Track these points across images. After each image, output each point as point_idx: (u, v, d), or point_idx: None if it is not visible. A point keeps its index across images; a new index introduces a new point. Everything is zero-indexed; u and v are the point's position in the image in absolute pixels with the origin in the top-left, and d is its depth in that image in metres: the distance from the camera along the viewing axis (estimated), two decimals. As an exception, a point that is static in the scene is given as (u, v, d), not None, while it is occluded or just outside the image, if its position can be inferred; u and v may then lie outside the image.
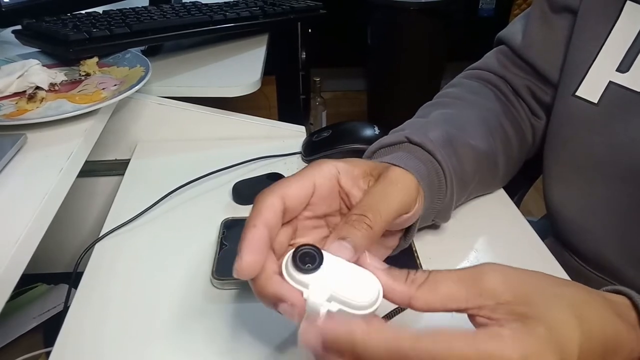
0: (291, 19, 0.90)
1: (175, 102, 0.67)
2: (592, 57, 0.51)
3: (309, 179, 0.36)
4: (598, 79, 0.50)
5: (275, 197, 0.34)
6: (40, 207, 0.42)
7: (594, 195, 0.53)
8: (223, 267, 0.45)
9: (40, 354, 0.57)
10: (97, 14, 0.73)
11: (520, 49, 0.59)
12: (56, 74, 0.61)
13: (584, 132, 0.52)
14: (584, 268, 0.57)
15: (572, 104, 0.52)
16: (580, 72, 0.52)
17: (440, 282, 0.30)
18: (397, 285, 0.30)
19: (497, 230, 0.52)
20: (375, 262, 0.31)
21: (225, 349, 0.39)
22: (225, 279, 0.44)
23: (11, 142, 0.48)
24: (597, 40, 0.51)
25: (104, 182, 0.69)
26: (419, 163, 0.43)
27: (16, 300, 0.65)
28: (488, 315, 0.28)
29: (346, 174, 0.38)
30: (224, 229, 0.50)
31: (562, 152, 0.55)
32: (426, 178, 0.43)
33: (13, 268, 0.37)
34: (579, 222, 0.56)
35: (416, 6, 2.18)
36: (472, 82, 0.62)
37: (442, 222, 0.50)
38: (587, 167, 0.53)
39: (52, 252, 0.65)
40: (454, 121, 0.52)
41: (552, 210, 0.60)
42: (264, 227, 0.32)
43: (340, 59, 2.61)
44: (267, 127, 0.69)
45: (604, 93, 0.50)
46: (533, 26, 0.58)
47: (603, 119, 0.50)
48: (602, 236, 0.54)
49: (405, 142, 0.46)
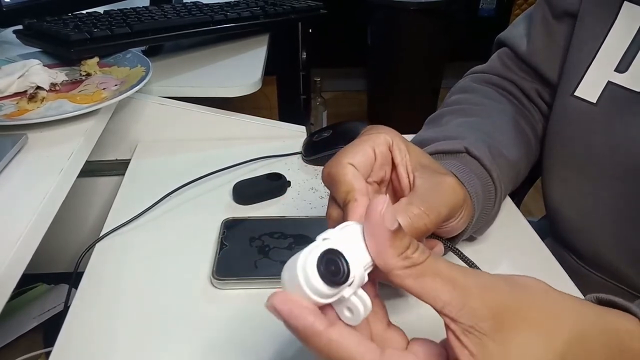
0: (292, 19, 0.90)
1: (176, 102, 0.68)
2: (590, 57, 0.51)
3: (370, 147, 0.37)
4: (597, 79, 0.50)
5: (349, 167, 0.35)
6: (40, 207, 0.42)
7: (593, 195, 0.53)
8: (223, 267, 0.45)
9: (40, 354, 0.57)
10: (98, 14, 0.73)
11: (525, 55, 0.59)
12: (57, 74, 0.61)
13: (583, 132, 0.52)
14: (582, 268, 0.57)
15: (571, 104, 0.53)
16: (579, 73, 0.52)
17: (430, 275, 0.26)
18: (390, 254, 0.26)
19: (497, 230, 0.52)
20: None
21: (225, 349, 0.39)
22: (226, 279, 0.44)
23: (12, 142, 0.48)
24: (596, 41, 0.51)
25: (104, 182, 0.69)
26: (474, 178, 0.44)
27: (16, 300, 0.65)
28: (457, 333, 0.26)
29: (399, 148, 0.38)
30: (224, 229, 0.50)
31: (561, 152, 0.56)
32: (480, 195, 0.43)
33: (13, 268, 0.37)
34: (578, 221, 0.56)
35: (416, 6, 2.18)
36: (485, 88, 0.61)
37: (478, 235, 0.50)
38: (586, 167, 0.53)
39: (53, 252, 0.65)
40: (485, 130, 0.52)
41: (551, 210, 0.60)
42: (363, 197, 0.32)
43: (341, 59, 2.61)
44: (268, 127, 0.69)
45: (602, 93, 0.50)
46: (536, 32, 0.58)
47: (602, 119, 0.50)
48: (601, 235, 0.54)
49: (463, 152, 0.46)
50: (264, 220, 0.51)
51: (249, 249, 0.47)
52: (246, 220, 0.51)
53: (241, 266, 0.45)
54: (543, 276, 0.47)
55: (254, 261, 0.46)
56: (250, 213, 0.54)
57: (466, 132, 0.50)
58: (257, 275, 0.44)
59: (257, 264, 0.45)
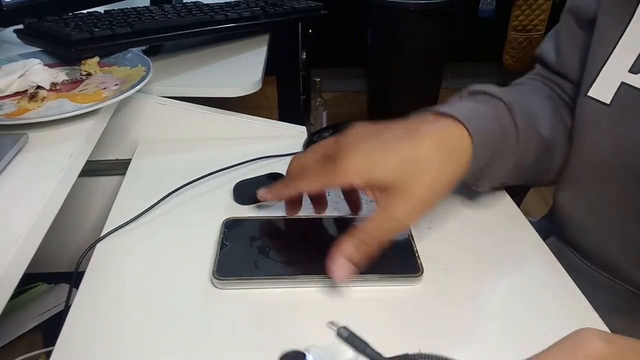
0: (292, 19, 0.90)
1: (177, 102, 0.68)
2: (605, 57, 0.51)
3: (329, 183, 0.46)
4: (610, 80, 0.50)
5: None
6: (41, 207, 0.42)
7: (604, 196, 0.53)
8: (224, 267, 0.45)
9: (40, 353, 0.57)
10: (98, 14, 0.73)
11: (555, 65, 0.60)
12: (57, 73, 0.61)
13: (596, 132, 0.52)
14: (588, 267, 0.57)
15: (585, 105, 0.53)
16: (594, 73, 0.52)
17: None
18: None
19: (498, 230, 0.52)
20: None
21: (225, 349, 0.39)
22: (226, 278, 0.44)
23: (12, 142, 0.48)
24: (611, 42, 0.51)
25: (105, 181, 0.69)
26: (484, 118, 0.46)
27: (16, 299, 0.65)
28: None
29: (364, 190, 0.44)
30: (225, 228, 0.50)
31: (574, 151, 0.56)
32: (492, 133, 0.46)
33: (14, 268, 0.37)
34: (587, 221, 0.56)
35: (416, 7, 2.18)
36: (532, 81, 0.62)
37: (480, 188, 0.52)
38: (598, 167, 0.53)
39: (53, 252, 0.65)
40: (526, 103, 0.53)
41: (559, 209, 0.60)
42: None
43: (341, 59, 2.62)
44: (268, 127, 0.69)
45: (616, 94, 0.50)
46: (565, 43, 0.59)
47: (614, 120, 0.50)
48: (609, 236, 0.54)
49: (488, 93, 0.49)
50: (265, 220, 0.51)
51: (250, 249, 0.47)
52: (247, 220, 0.51)
53: (242, 266, 0.45)
54: (544, 276, 0.47)
55: (254, 261, 0.46)
56: (251, 213, 0.54)
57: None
58: (258, 275, 0.44)
59: (257, 263, 0.45)
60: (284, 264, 0.46)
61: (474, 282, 0.46)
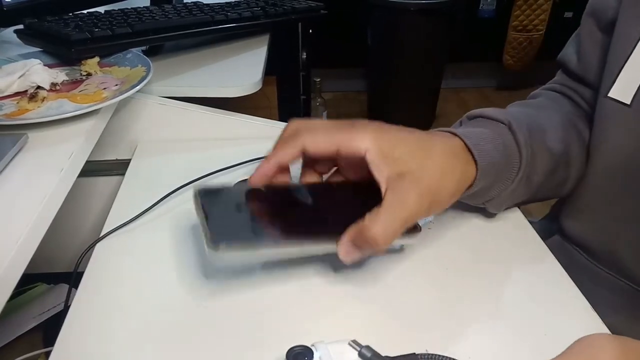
0: (292, 19, 0.90)
1: (176, 102, 0.68)
2: (625, 57, 0.50)
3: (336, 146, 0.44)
4: (631, 80, 0.50)
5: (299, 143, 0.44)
6: (41, 207, 0.42)
7: (619, 195, 0.53)
8: (217, 234, 0.40)
9: (40, 353, 0.57)
10: (98, 14, 0.73)
11: (576, 69, 0.60)
12: (57, 73, 0.61)
13: (615, 133, 0.52)
14: (594, 265, 0.57)
15: (605, 106, 0.52)
16: (614, 73, 0.51)
17: None
18: None
19: (498, 230, 0.52)
20: None
21: (225, 348, 0.39)
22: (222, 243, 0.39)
23: (12, 142, 0.48)
24: (631, 41, 0.50)
25: (104, 182, 0.69)
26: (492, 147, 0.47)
27: (16, 300, 0.65)
28: None
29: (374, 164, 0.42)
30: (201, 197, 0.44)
31: (593, 153, 0.55)
32: (496, 163, 0.47)
33: (13, 268, 0.37)
34: (600, 221, 0.56)
35: (416, 7, 2.18)
36: (548, 92, 0.62)
37: (493, 210, 0.52)
38: (618, 167, 0.53)
39: (53, 252, 0.65)
40: (533, 119, 0.53)
41: (572, 208, 0.60)
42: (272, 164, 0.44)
43: (341, 60, 2.62)
44: (268, 127, 0.69)
45: (636, 94, 0.49)
46: (585, 46, 0.59)
47: (635, 120, 0.50)
48: (621, 236, 0.54)
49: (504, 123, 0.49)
50: (248, 188, 0.46)
51: (240, 216, 0.44)
52: (223, 189, 0.47)
53: (237, 233, 0.41)
54: (544, 276, 0.47)
55: (251, 227, 0.43)
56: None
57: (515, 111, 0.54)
58: (259, 241, 0.41)
59: (255, 230, 0.43)
60: (281, 231, 0.43)
61: (474, 282, 0.46)
